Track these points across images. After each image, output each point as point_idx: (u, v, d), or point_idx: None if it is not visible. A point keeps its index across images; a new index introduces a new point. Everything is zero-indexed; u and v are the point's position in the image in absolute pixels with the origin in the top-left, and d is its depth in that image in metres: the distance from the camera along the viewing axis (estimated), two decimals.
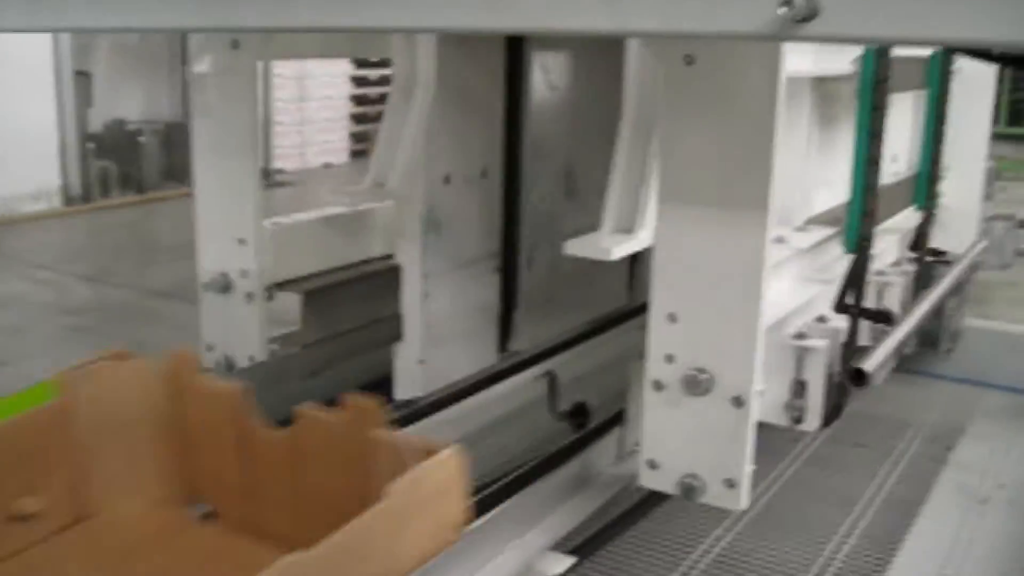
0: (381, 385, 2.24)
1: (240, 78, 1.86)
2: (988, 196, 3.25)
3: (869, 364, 1.71)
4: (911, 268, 2.52)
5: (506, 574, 1.33)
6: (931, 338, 3.30)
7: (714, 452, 1.50)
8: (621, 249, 1.58)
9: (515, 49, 2.31)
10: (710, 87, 1.41)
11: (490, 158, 2.30)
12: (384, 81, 10.59)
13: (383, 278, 2.09)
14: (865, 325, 2.11)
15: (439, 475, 1.29)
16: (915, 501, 2.44)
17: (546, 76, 2.42)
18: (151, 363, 1.62)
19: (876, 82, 1.88)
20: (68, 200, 7.34)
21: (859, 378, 1.70)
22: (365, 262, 2.13)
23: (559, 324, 2.63)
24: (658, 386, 1.51)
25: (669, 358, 1.50)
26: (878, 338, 2.03)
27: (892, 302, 2.37)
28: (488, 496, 1.56)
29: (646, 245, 1.66)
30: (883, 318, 2.09)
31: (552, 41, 2.42)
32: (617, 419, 2.05)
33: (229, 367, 1.97)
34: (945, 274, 2.61)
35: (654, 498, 1.91)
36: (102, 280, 5.41)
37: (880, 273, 2.40)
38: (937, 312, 2.90)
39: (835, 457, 2.67)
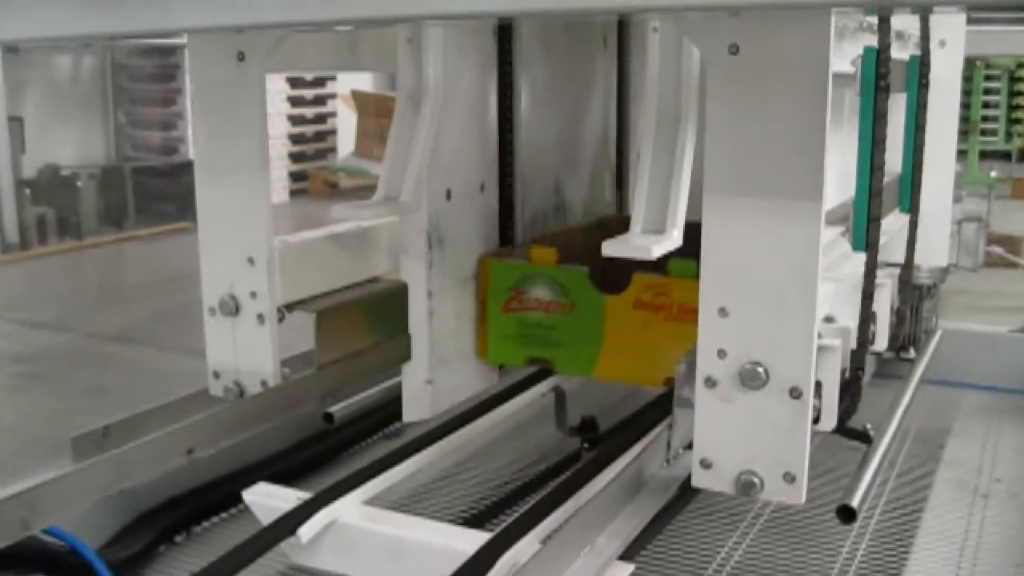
0: (392, 406, 2.20)
1: (246, 91, 1.81)
2: (957, 199, 3.29)
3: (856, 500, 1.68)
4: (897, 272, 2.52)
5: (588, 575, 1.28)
6: (905, 343, 3.32)
7: (772, 446, 1.47)
8: (660, 248, 1.55)
9: (505, 63, 2.30)
10: (756, 76, 1.40)
11: (487, 172, 2.27)
12: (320, 119, 10.55)
13: (390, 297, 2.04)
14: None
15: None
16: (918, 499, 2.45)
17: (534, 89, 2.40)
18: None
19: (878, 81, 1.88)
20: (5, 248, 7.19)
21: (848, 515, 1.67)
22: (372, 280, 2.08)
23: None
24: (710, 382, 1.48)
25: (721, 353, 1.47)
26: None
27: (882, 305, 2.37)
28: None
29: (679, 244, 1.63)
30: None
31: (538, 52, 2.41)
32: (628, 430, 2.03)
33: (240, 394, 1.91)
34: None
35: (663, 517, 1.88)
36: (50, 327, 5.28)
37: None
38: (906, 318, 2.92)
39: (831, 461, 2.67)
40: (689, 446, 1.58)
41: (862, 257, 1.86)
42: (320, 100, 10.47)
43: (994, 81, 12.75)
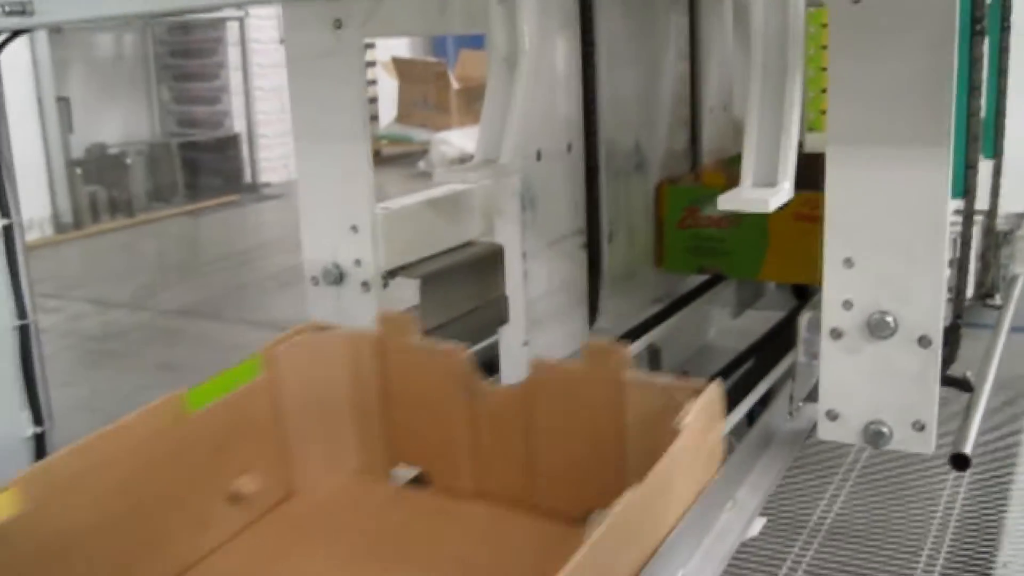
0: (491, 370, 2.20)
1: (345, 59, 1.80)
2: None
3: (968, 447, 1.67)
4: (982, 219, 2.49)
5: (734, 532, 1.29)
6: (985, 291, 3.28)
7: (901, 396, 1.47)
8: (776, 200, 1.54)
9: (586, 20, 2.28)
10: (879, 24, 1.38)
11: (573, 132, 2.26)
12: None
13: (488, 260, 2.04)
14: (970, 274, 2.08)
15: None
16: (1010, 449, 2.42)
17: (613, 48, 2.38)
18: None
19: (973, 26, 1.85)
20: (59, 228, 7.24)
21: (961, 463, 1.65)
22: (468, 244, 2.08)
23: (638, 299, 2.61)
24: (836, 334, 1.48)
25: (847, 304, 1.46)
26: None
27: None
28: None
29: (791, 196, 1.62)
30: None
31: (616, 10, 2.39)
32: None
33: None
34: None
35: None
36: (114, 304, 5.32)
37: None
38: (991, 264, 2.89)
39: None
40: (811, 397, 1.57)
41: None
42: None
43: None
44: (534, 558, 1.04)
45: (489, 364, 2.16)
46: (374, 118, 10.52)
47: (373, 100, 10.64)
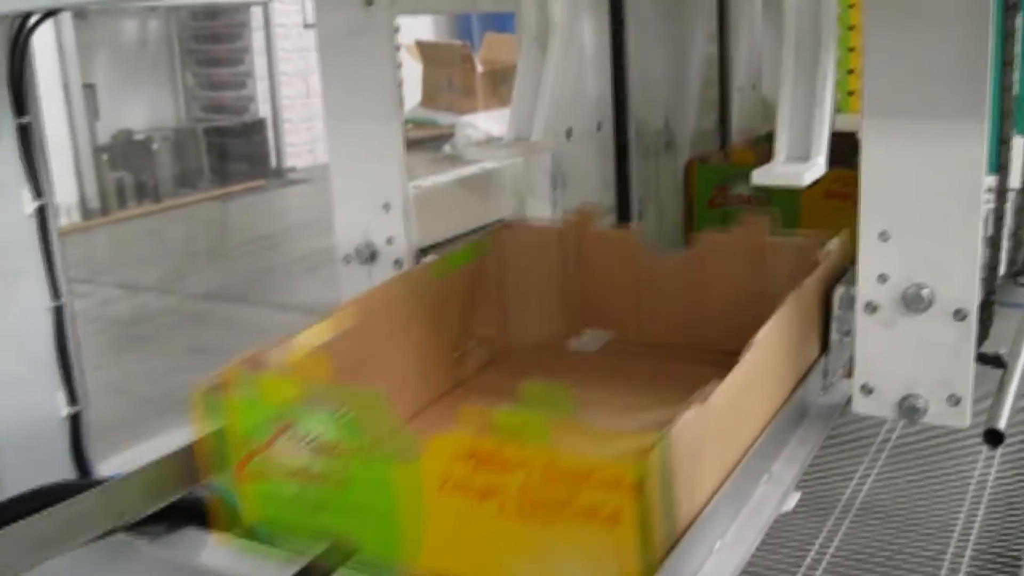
0: None
1: (376, 37, 1.81)
2: None
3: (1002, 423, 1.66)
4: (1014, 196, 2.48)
5: (770, 504, 1.29)
6: (1017, 268, 3.26)
7: (936, 369, 1.46)
8: (810, 175, 1.54)
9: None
10: None
11: (603, 111, 2.26)
12: None
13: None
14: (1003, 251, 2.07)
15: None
16: None
17: (642, 26, 2.38)
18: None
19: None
20: (86, 214, 7.28)
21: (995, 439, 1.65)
22: (499, 222, 2.09)
23: None
24: (871, 307, 1.47)
25: (882, 277, 1.46)
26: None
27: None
28: None
29: (824, 171, 1.61)
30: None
31: None
32: None
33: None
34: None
35: None
36: (143, 288, 5.36)
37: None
38: (1020, 242, 2.87)
39: None
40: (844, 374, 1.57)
41: None
42: None
43: None
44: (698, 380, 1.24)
45: None
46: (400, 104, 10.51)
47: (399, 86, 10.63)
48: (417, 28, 10.50)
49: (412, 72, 10.25)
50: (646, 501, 1.04)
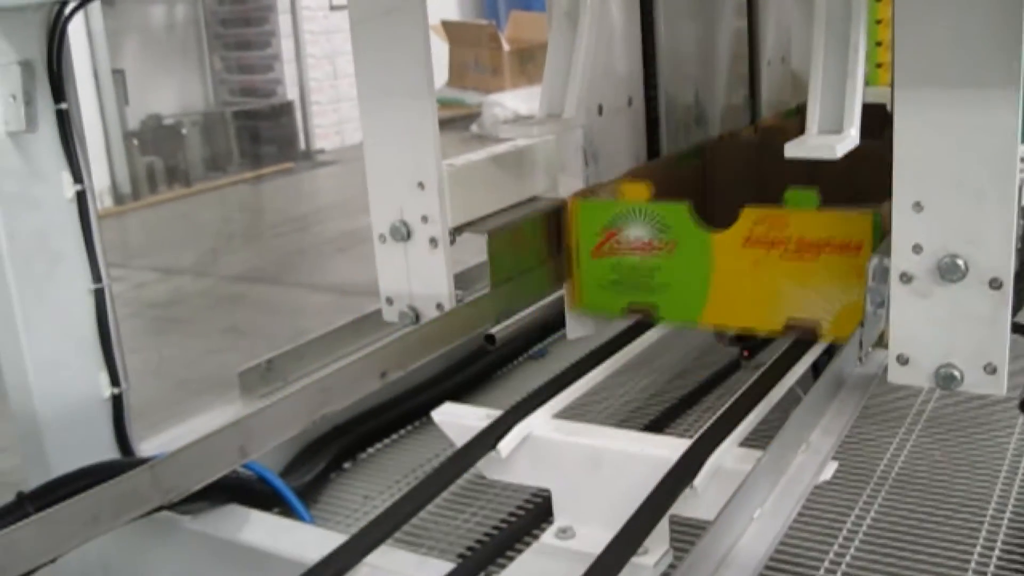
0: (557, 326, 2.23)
1: (409, 14, 1.82)
2: None
3: None
4: None
5: (808, 473, 1.31)
6: None
7: (972, 338, 1.47)
8: (843, 147, 1.54)
9: None
10: None
11: (633, 86, 2.27)
12: None
13: (552, 215, 2.06)
14: None
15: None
16: None
17: (672, 1, 2.39)
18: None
19: None
20: (118, 199, 7.34)
21: None
22: (532, 199, 2.10)
23: None
24: (906, 278, 1.48)
25: (917, 248, 1.46)
26: None
27: None
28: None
29: (856, 143, 1.62)
30: None
31: None
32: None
33: (416, 318, 1.94)
34: None
35: None
36: (178, 272, 5.40)
37: None
38: None
39: None
40: (880, 343, 1.58)
41: None
42: None
43: None
44: None
45: (556, 319, 2.18)
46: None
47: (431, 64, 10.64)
48: (443, 7, 10.50)
49: (438, 52, 10.26)
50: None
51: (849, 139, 1.61)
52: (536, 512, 1.82)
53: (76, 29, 6.68)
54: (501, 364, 2.69)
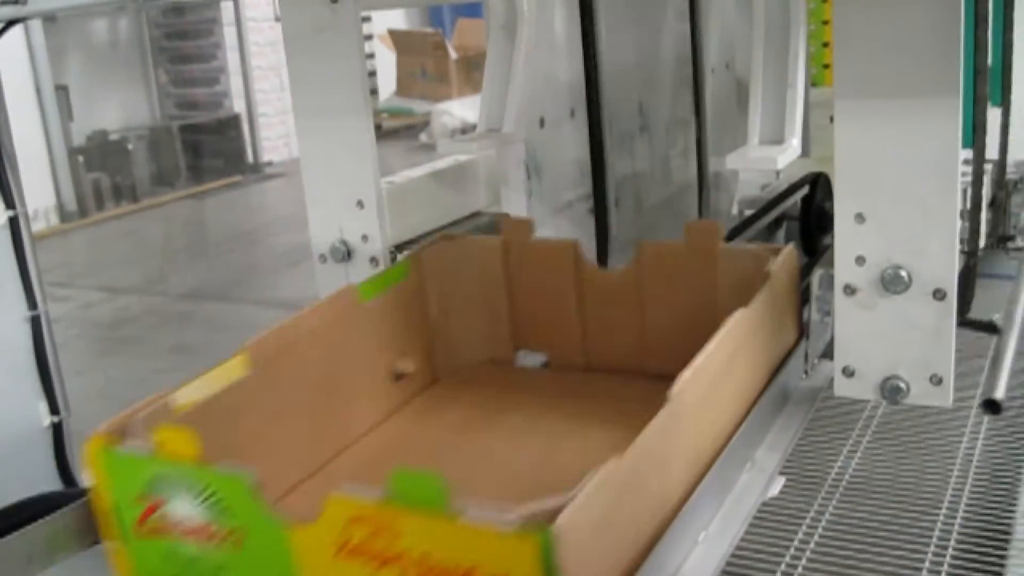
0: None
1: (343, 32, 1.79)
2: None
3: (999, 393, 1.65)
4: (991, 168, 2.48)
5: (755, 492, 1.29)
6: (1002, 234, 3.26)
7: (917, 350, 1.46)
8: (785, 158, 1.53)
9: None
10: None
11: (575, 97, 2.25)
12: None
13: (495, 230, 2.03)
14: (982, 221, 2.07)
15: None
16: None
17: (612, 10, 2.37)
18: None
19: None
20: (64, 217, 7.24)
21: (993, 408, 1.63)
22: (474, 215, 2.08)
23: None
24: (849, 290, 1.47)
25: (860, 260, 1.45)
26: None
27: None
28: None
29: (799, 153, 1.61)
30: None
31: None
32: None
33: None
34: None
35: None
36: (125, 291, 5.32)
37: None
38: (1001, 212, 2.87)
39: None
40: (825, 355, 1.57)
41: None
42: None
43: None
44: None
45: None
46: (373, 92, 10.49)
47: (372, 74, 10.60)
48: (389, 17, 10.45)
49: (387, 61, 10.22)
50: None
51: (791, 150, 1.60)
52: None
53: (17, 46, 6.58)
54: None
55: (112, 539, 1.27)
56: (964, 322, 1.71)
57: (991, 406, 1.57)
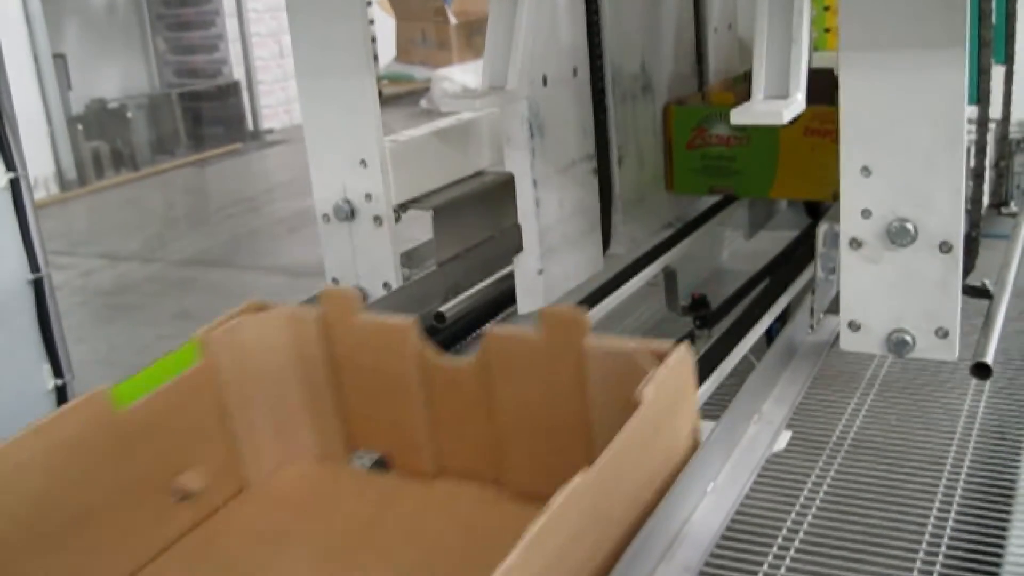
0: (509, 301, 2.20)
1: None
2: None
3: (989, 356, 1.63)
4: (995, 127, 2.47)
5: (762, 444, 1.29)
6: (1000, 199, 3.25)
7: (923, 303, 1.46)
8: (790, 111, 1.52)
9: None
10: None
11: (578, 56, 2.23)
12: None
13: (499, 189, 2.03)
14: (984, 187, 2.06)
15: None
16: None
17: None
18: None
19: None
20: (64, 185, 7.22)
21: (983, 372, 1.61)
22: (478, 174, 2.07)
23: (651, 223, 2.59)
24: (855, 243, 1.47)
25: (865, 213, 1.45)
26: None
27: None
28: None
29: (803, 107, 1.60)
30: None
31: None
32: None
33: (363, 298, 1.91)
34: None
35: None
36: (126, 258, 5.32)
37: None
38: (1005, 172, 2.86)
39: None
40: (831, 310, 1.57)
41: None
42: None
43: None
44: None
45: (507, 295, 2.15)
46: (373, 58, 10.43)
47: (371, 40, 10.53)
48: None
49: (386, 27, 10.17)
50: None
51: (796, 104, 1.58)
52: None
53: (14, 14, 6.54)
54: (451, 343, 2.66)
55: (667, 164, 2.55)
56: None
57: (981, 369, 1.57)
